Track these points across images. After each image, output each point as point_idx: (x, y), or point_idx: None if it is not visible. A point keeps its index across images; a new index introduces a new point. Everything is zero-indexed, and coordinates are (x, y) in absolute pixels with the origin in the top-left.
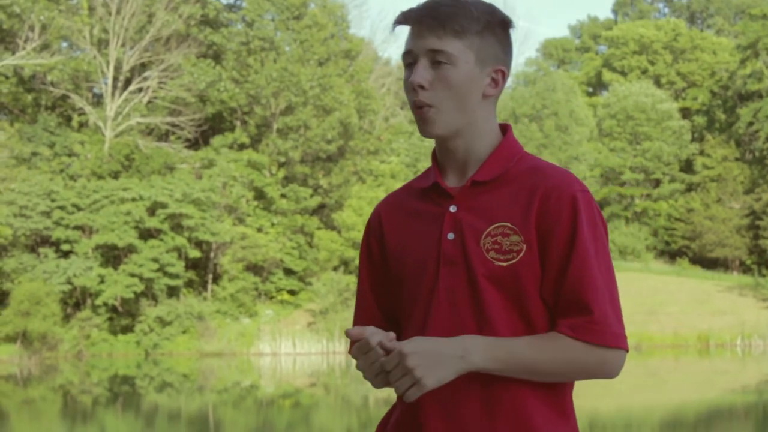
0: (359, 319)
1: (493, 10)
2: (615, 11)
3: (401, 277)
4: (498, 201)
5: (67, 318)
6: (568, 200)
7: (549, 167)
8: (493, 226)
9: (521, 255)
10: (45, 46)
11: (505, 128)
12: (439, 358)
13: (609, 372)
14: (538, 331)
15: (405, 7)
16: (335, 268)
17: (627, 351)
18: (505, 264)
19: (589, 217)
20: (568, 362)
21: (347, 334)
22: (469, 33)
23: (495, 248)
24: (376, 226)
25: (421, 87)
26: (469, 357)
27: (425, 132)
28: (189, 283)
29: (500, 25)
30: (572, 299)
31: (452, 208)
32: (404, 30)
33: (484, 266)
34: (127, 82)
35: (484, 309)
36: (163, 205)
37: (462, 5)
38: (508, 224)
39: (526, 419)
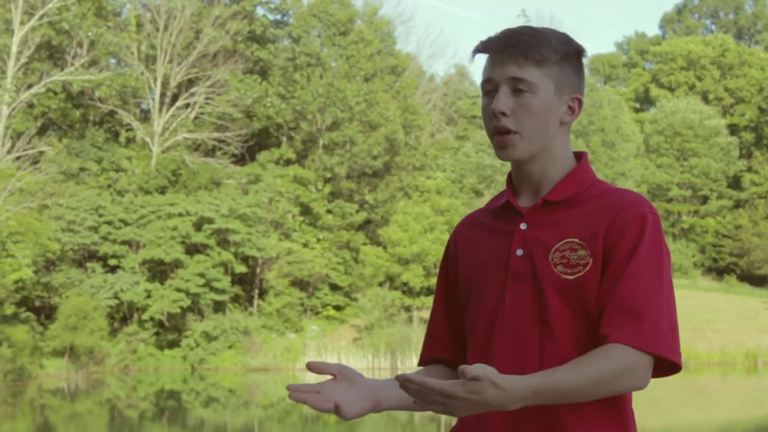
0: (427, 338)
1: (569, 40)
2: (662, 27)
3: (468, 292)
4: (568, 219)
5: (114, 332)
6: (638, 218)
7: (623, 190)
8: (562, 242)
9: (588, 268)
10: (93, 62)
11: (580, 155)
12: (480, 408)
13: (641, 382)
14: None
15: (466, 29)
16: (381, 284)
17: (680, 369)
18: (572, 277)
19: (655, 238)
20: (621, 373)
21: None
22: (549, 62)
23: (563, 262)
24: (451, 245)
25: (504, 114)
26: (511, 406)
27: (506, 156)
28: (235, 299)
29: (575, 55)
30: (623, 308)
31: (523, 226)
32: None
33: (551, 279)
34: (174, 97)
35: (548, 320)
36: (210, 221)
37: (541, 35)
38: (576, 239)
39: None
